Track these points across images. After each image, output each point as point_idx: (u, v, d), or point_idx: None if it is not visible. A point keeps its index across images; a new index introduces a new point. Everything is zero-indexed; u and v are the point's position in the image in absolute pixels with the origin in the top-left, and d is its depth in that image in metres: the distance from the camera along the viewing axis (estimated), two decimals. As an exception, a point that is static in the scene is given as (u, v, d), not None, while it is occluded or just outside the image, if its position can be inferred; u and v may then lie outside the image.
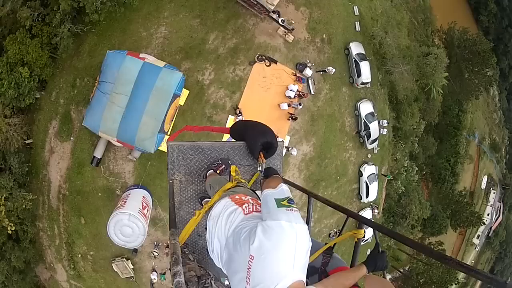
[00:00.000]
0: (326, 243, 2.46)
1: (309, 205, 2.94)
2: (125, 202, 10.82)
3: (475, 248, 30.95)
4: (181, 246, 2.69)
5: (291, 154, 13.41)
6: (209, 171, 3.47)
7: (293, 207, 1.65)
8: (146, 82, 10.71)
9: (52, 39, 12.01)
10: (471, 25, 30.46)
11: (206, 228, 2.18)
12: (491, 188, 30.13)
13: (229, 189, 2.46)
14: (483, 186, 29.52)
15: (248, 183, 3.21)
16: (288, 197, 1.76)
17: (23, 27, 11.82)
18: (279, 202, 1.68)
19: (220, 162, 3.39)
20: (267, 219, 1.59)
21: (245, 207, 1.99)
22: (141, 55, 11.38)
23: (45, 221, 14.61)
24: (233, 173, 2.75)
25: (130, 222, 10.17)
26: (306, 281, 1.77)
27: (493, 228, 31.15)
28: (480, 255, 32.09)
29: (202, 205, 3.21)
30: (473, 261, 30.86)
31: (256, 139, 3.05)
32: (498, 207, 30.96)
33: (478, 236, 30.27)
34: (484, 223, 25.69)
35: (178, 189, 3.42)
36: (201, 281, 2.77)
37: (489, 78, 24.24)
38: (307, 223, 2.90)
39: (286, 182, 3.09)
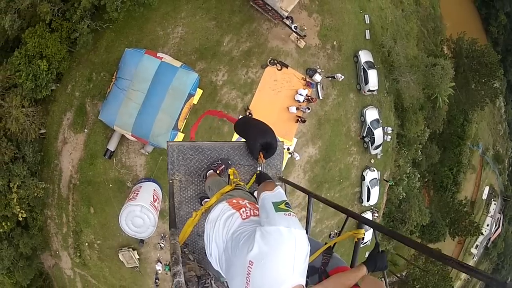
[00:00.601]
0: (326, 243, 2.53)
1: (309, 205, 3.06)
2: (137, 194, 11.66)
3: (473, 258, 31.88)
4: (181, 246, 2.81)
5: (295, 158, 14.26)
6: (209, 171, 3.54)
7: (291, 211, 1.71)
8: (163, 81, 11.53)
9: (72, 34, 12.75)
10: (481, 35, 31.28)
11: (209, 213, 2.26)
12: (492, 199, 31.03)
13: (227, 192, 2.53)
14: (484, 196, 30.43)
15: (248, 183, 3.35)
16: (285, 200, 1.82)
17: (43, 21, 12.50)
18: (277, 206, 1.73)
19: (220, 162, 3.47)
20: (265, 225, 1.64)
21: (243, 211, 2.03)
22: (159, 54, 12.20)
23: (54, 209, 15.44)
24: (231, 176, 2.83)
25: (141, 214, 11.01)
26: (306, 281, 1.87)
27: (492, 239, 32.08)
28: (477, 265, 33.00)
29: (202, 205, 3.32)
30: (470, 271, 31.75)
31: (255, 139, 3.12)
32: (498, 218, 31.88)
33: (477, 246, 31.20)
34: (482, 233, 26.59)
35: (178, 189, 3.48)
36: (201, 281, 2.84)
37: (495, 90, 24.97)
38: (307, 222, 3.10)
39: (286, 182, 3.53)
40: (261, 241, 1.55)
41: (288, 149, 14.03)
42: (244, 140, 3.41)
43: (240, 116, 13.46)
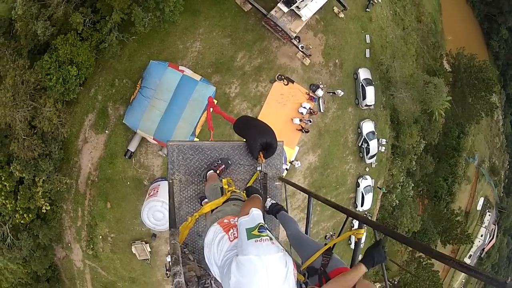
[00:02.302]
0: (325, 244, 2.75)
1: (309, 205, 3.35)
2: (157, 191, 14.38)
3: (466, 268, 35.19)
4: (181, 246, 3.13)
5: (295, 166, 17.12)
6: (209, 172, 3.80)
7: (262, 236, 1.93)
8: (185, 93, 14.27)
9: (100, 44, 15.40)
10: (482, 49, 34.70)
11: (204, 236, 2.52)
12: (487, 210, 34.45)
13: (222, 203, 2.84)
14: (479, 207, 33.82)
15: (248, 183, 3.72)
16: (259, 223, 2.05)
17: (74, 30, 15.10)
18: (250, 233, 1.97)
19: (220, 162, 3.73)
20: (239, 254, 1.92)
21: (231, 233, 2.28)
22: (181, 68, 14.94)
23: (70, 204, 18.02)
24: (225, 186, 3.07)
25: (162, 209, 13.73)
26: (306, 282, 2.24)
27: (485, 250, 35.50)
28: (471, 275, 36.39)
29: (202, 205, 3.57)
30: (463, 280, 35.15)
31: (255, 139, 3.38)
32: (492, 229, 35.31)
33: (470, 256, 34.56)
34: (472, 242, 29.82)
35: (178, 189, 3.73)
36: (201, 281, 3.08)
37: (491, 104, 28.10)
38: (307, 222, 3.41)
39: (287, 182, 4.01)
40: (236, 272, 1.82)
41: (291, 162, 16.76)
42: (244, 140, 3.69)
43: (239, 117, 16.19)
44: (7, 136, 15.44)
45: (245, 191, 3.09)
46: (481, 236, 34.01)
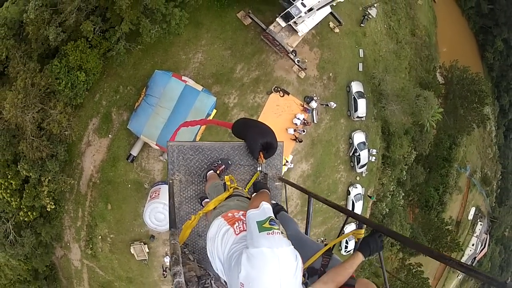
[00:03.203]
0: (326, 244, 2.92)
1: (309, 205, 3.51)
2: (158, 194, 16.04)
3: (458, 276, 37.29)
4: (181, 246, 3.24)
5: (287, 167, 18.81)
6: (209, 172, 3.93)
7: (274, 229, 2.03)
8: (187, 102, 15.97)
9: (108, 52, 17.03)
10: (476, 61, 37.04)
11: (207, 230, 2.64)
12: (478, 220, 36.63)
13: (225, 198, 3.00)
14: (470, 217, 35.97)
15: (248, 183, 3.82)
16: (270, 217, 2.16)
17: (84, 37, 16.64)
18: (261, 226, 2.06)
19: (220, 162, 3.83)
20: (250, 246, 1.98)
21: (236, 226, 2.40)
22: (183, 78, 16.66)
23: (71, 204, 19.55)
24: (227, 183, 3.20)
25: (163, 210, 15.38)
26: (306, 283, 2.33)
27: (477, 258, 37.64)
28: (462, 284, 38.52)
29: (202, 206, 3.76)
30: (454, 289, 37.30)
31: (256, 139, 3.49)
32: (484, 238, 37.50)
33: (461, 265, 36.57)
34: (462, 250, 31.91)
35: (178, 189, 3.85)
36: (201, 281, 3.21)
37: (483, 116, 30.19)
38: (307, 223, 3.60)
39: (287, 182, 4.23)
40: (247, 264, 1.90)
41: (286, 161, 18.62)
42: (243, 142, 3.77)
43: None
44: (15, 136, 16.91)
45: (252, 186, 3.26)
46: (472, 245, 36.12)
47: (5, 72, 17.25)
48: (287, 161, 18.42)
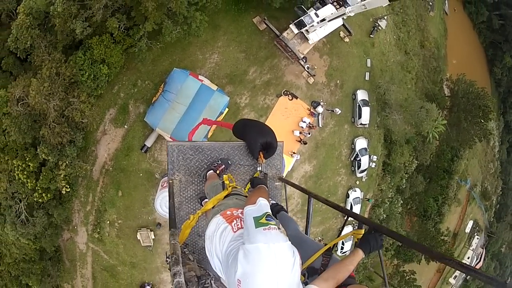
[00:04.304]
0: (325, 244, 3.12)
1: (309, 205, 3.77)
2: (170, 184, 18.15)
3: (451, 288, 39.60)
4: (181, 246, 3.47)
5: (295, 158, 20.72)
6: (209, 172, 4.20)
7: (270, 224, 2.14)
8: (202, 99, 18.07)
9: (130, 48, 19.07)
10: (484, 75, 39.22)
11: (206, 229, 2.76)
12: (476, 233, 38.81)
13: (224, 197, 3.21)
14: (468, 230, 38.14)
15: (248, 183, 4.11)
16: (266, 212, 2.28)
17: (109, 33, 18.66)
18: (257, 221, 2.18)
19: (220, 162, 4.11)
20: (246, 243, 2.09)
21: (234, 224, 2.52)
22: (200, 77, 18.75)
23: (82, 189, 21.62)
24: (226, 182, 3.42)
25: (174, 199, 17.47)
26: (306, 282, 2.39)
27: (471, 272, 39.75)
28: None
29: (202, 206, 3.99)
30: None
31: (255, 139, 3.78)
32: (480, 253, 39.69)
33: (455, 277, 38.85)
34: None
35: (178, 189, 4.10)
36: (201, 281, 3.43)
37: (485, 131, 32.17)
38: (307, 222, 3.86)
39: (286, 182, 4.56)
40: (243, 260, 1.99)
41: (294, 153, 20.42)
42: (244, 142, 4.00)
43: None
44: (36, 121, 18.91)
45: (249, 182, 3.52)
46: (468, 258, 38.27)
47: (27, 59, 19.25)
48: (294, 153, 20.51)
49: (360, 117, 21.75)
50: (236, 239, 2.41)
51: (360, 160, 22.16)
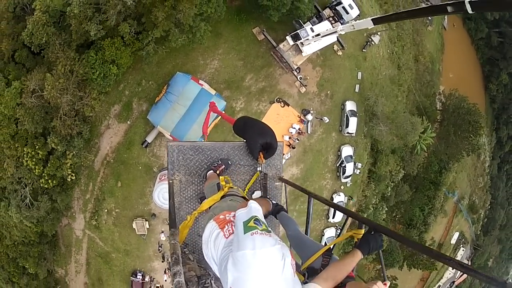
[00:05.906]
0: (325, 244, 3.28)
1: (309, 205, 4.17)
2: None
3: (434, 300, 42.96)
4: (181, 246, 3.67)
5: (285, 159, 24.06)
6: (209, 172, 4.50)
7: (257, 228, 2.26)
8: (201, 102, 21.16)
9: (138, 51, 22.14)
10: (479, 91, 42.55)
11: (202, 233, 2.96)
12: (461, 245, 42.23)
13: (220, 198, 3.44)
14: (453, 241, 41.49)
15: (248, 184, 4.52)
16: (254, 216, 2.41)
17: (120, 36, 21.70)
18: (246, 225, 2.32)
19: (220, 162, 4.39)
20: (234, 250, 2.23)
21: (226, 229, 2.70)
22: (200, 82, 21.90)
23: (83, 178, 24.67)
24: (222, 183, 3.64)
25: (170, 191, 20.64)
26: (306, 282, 2.51)
27: (456, 283, 43.25)
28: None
29: None
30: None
31: (255, 139, 4.04)
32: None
33: (439, 286, 42.28)
34: (436, 269, 37.42)
35: (178, 189, 4.44)
36: (201, 281, 3.61)
37: (473, 146, 35.43)
38: (307, 223, 4.25)
39: (286, 182, 4.90)
40: (232, 269, 2.15)
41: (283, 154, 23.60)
42: (244, 140, 4.35)
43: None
44: (48, 112, 21.93)
45: (261, 172, 3.91)
46: (452, 269, 41.70)
47: (40, 53, 22.18)
48: (283, 154, 23.77)
49: (347, 126, 24.97)
50: (228, 245, 2.61)
51: (345, 166, 25.38)
